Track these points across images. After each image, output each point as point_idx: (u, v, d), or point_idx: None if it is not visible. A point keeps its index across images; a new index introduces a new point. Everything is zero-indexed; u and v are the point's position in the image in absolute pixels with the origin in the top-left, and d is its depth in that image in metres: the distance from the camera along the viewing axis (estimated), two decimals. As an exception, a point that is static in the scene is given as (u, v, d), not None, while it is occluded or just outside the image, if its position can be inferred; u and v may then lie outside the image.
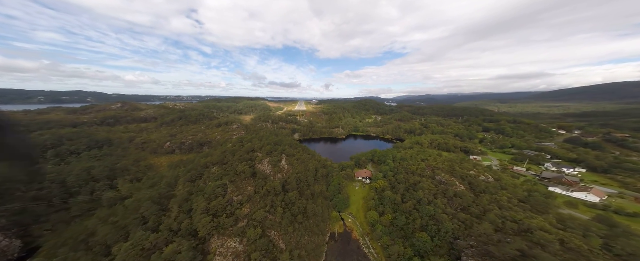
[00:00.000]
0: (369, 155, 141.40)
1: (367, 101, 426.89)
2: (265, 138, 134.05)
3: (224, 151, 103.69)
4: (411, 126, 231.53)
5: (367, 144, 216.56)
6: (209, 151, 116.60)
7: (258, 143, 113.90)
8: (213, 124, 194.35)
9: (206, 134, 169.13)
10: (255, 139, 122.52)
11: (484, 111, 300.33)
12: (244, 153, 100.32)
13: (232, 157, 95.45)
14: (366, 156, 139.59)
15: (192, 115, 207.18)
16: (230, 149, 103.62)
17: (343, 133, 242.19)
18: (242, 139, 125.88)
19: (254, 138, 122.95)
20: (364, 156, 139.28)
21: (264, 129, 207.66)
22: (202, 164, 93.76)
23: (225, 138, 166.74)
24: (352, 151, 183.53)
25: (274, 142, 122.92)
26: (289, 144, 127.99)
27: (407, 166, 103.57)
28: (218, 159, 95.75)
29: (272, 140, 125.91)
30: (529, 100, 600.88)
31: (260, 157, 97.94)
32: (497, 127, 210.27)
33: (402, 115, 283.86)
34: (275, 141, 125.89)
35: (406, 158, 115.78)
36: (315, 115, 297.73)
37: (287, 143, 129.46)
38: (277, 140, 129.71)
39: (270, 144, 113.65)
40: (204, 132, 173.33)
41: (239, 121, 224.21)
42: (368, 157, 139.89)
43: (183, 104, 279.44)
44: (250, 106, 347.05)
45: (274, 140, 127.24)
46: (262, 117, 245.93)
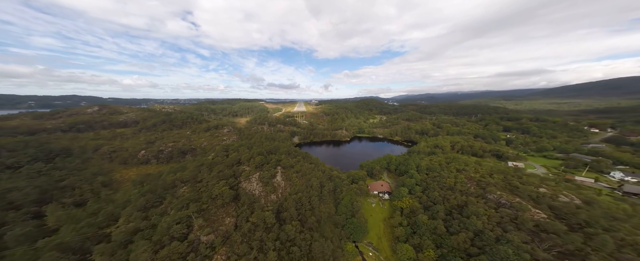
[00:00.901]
0: (383, 162, 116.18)
1: (370, 101, 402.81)
2: (257, 144, 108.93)
3: (200, 164, 78.15)
4: (422, 127, 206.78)
5: (375, 147, 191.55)
6: (183, 164, 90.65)
7: (246, 153, 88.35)
8: (201, 128, 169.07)
9: (191, 141, 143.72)
10: (244, 147, 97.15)
11: (497, 108, 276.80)
12: (226, 166, 75.00)
13: (208, 173, 70.06)
14: (380, 164, 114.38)
15: (178, 119, 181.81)
16: (209, 163, 78.09)
17: (347, 135, 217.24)
18: (227, 147, 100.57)
19: (241, 147, 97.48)
20: (377, 164, 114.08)
21: (259, 133, 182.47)
22: (169, 182, 68.42)
23: (213, 145, 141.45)
24: (360, 156, 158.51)
25: (268, 150, 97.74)
26: (286, 152, 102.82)
27: (440, 180, 78.46)
28: (191, 175, 70.53)
29: (265, 147, 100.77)
30: (533, 97, 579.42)
31: (247, 172, 72.63)
32: (519, 126, 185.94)
33: (410, 114, 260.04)
34: (270, 148, 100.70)
35: (434, 168, 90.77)
36: (316, 116, 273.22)
37: (284, 150, 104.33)
38: (273, 147, 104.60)
39: (262, 154, 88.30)
40: (189, 138, 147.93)
41: (232, 125, 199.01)
42: (382, 165, 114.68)
43: (173, 106, 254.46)
44: (246, 107, 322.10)
45: (269, 147, 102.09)
46: (258, 120, 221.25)
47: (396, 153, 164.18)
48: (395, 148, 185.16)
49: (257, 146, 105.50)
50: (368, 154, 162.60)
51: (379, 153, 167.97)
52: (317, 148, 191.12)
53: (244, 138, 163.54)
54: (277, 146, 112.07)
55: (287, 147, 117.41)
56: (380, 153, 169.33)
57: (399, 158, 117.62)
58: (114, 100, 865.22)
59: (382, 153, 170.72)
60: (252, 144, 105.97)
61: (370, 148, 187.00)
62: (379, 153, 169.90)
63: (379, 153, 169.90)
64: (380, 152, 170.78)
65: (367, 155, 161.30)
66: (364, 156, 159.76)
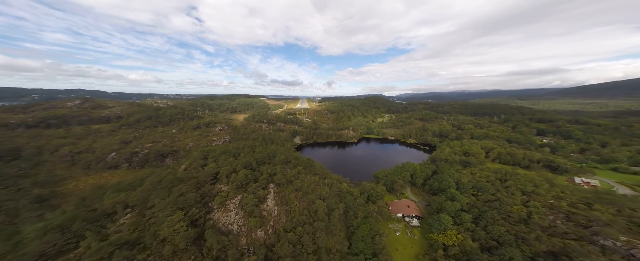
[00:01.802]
0: (405, 174, 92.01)
1: (377, 99, 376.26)
2: (247, 149, 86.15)
3: (158, 180, 55.37)
4: (440, 128, 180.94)
5: (387, 150, 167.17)
6: (147, 175, 67.59)
7: (229, 163, 65.34)
8: (190, 126, 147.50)
9: (175, 140, 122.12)
10: (228, 155, 74.39)
11: (520, 108, 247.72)
12: (193, 186, 52.27)
13: (164, 196, 47.38)
14: (401, 176, 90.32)
15: (166, 115, 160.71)
16: (169, 180, 55.17)
17: (355, 136, 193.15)
18: (207, 154, 77.73)
19: (224, 154, 74.52)
20: (397, 176, 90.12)
21: (257, 133, 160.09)
22: (108, 205, 46.26)
23: (200, 146, 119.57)
24: (371, 161, 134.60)
25: (260, 158, 74.79)
26: (284, 160, 79.71)
27: (501, 207, 54.37)
28: (141, 197, 48.35)
29: (258, 155, 77.84)
30: (549, 97, 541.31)
31: (223, 195, 49.89)
32: (556, 129, 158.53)
33: (423, 114, 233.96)
34: (263, 156, 77.70)
35: (485, 187, 66.68)
36: (320, 114, 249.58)
37: (281, 157, 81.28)
38: (267, 154, 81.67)
39: (249, 167, 65.31)
40: (173, 137, 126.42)
41: (227, 122, 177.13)
42: (404, 177, 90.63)
43: (166, 101, 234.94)
44: (246, 103, 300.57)
45: (262, 155, 79.17)
46: (257, 117, 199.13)
47: (414, 159, 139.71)
48: (411, 152, 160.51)
49: (247, 152, 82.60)
50: (381, 160, 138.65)
51: (393, 159, 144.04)
52: (321, 149, 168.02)
53: (237, 139, 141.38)
54: (274, 152, 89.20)
55: (286, 152, 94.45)
56: (394, 158, 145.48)
57: (426, 169, 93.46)
58: (118, 94, 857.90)
59: (396, 158, 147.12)
60: (240, 150, 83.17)
61: (382, 152, 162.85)
62: (393, 158, 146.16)
63: (393, 158, 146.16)
64: (395, 157, 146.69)
65: (380, 161, 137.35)
66: (376, 161, 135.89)
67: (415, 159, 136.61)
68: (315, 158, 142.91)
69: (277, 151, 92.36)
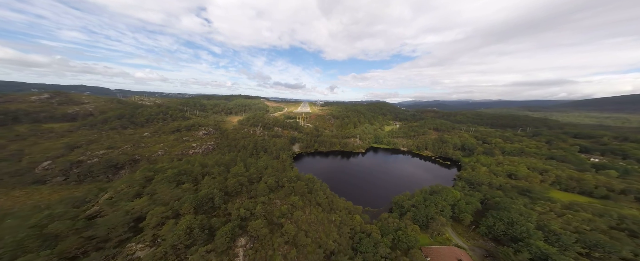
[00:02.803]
0: (442, 205, 65.00)
1: (383, 105, 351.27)
2: (220, 167, 59.73)
3: (28, 225, 28.93)
4: (462, 140, 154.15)
5: (401, 164, 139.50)
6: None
7: (172, 196, 38.76)
8: (169, 128, 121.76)
9: (140, 146, 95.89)
10: (165, 186, 48.03)
11: (547, 120, 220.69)
12: (78, 243, 26.08)
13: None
14: (436, 208, 63.33)
15: (144, 114, 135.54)
16: (44, 227, 28.63)
17: (362, 146, 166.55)
18: (154, 174, 51.23)
19: (163, 184, 47.88)
20: (430, 208, 63.11)
21: (249, 138, 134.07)
22: None
23: (173, 154, 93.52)
24: (385, 178, 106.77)
25: (234, 185, 48.36)
26: (273, 184, 53.31)
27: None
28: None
29: (235, 178, 51.61)
30: (560, 109, 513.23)
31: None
32: (602, 146, 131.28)
33: (438, 123, 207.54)
34: (240, 181, 51.27)
35: (601, 241, 39.97)
36: (323, 119, 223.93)
37: (270, 180, 54.84)
38: (250, 174, 55.41)
39: (206, 206, 38.94)
40: (141, 142, 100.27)
41: (216, 125, 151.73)
42: (441, 209, 63.65)
43: (154, 99, 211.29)
44: (243, 105, 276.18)
45: (240, 177, 52.82)
46: (252, 120, 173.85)
47: (438, 178, 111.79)
48: (430, 167, 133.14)
49: (219, 172, 56.09)
50: (397, 177, 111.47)
51: (412, 176, 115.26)
52: (323, 160, 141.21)
53: (222, 146, 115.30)
54: (261, 169, 62.88)
55: (278, 171, 68.08)
56: (413, 175, 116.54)
57: (471, 199, 66.35)
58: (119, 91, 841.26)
59: (415, 174, 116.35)
60: (210, 168, 56.70)
61: (396, 166, 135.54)
62: (411, 174, 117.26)
63: (411, 174, 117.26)
64: (414, 174, 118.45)
65: (396, 178, 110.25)
66: (391, 179, 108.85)
67: (439, 178, 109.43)
68: (317, 171, 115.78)
69: (266, 169, 65.87)
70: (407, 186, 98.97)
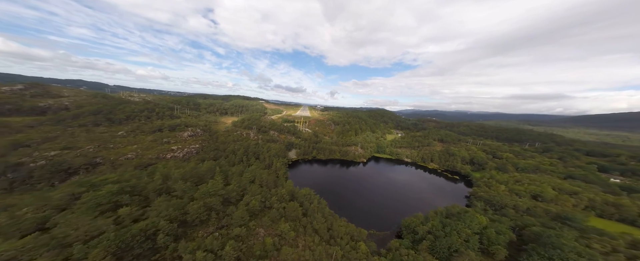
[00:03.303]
0: (466, 233, 52.36)
1: (384, 112, 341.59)
2: (186, 185, 46.74)
3: None
4: (471, 154, 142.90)
5: (405, 177, 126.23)
6: None
7: (85, 229, 25.28)
8: (149, 127, 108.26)
9: (107, 148, 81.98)
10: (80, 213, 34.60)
11: (554, 136, 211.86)
12: None
13: None
14: (459, 237, 50.56)
15: (125, 110, 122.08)
16: None
17: (363, 155, 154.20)
18: (45, 201, 37.77)
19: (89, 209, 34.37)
20: (453, 237, 50.37)
21: (241, 142, 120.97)
22: None
23: (147, 157, 79.95)
24: (390, 194, 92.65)
25: (199, 211, 35.20)
26: (258, 206, 40.41)
27: None
28: None
29: (203, 197, 38.59)
30: (558, 124, 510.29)
31: None
32: (621, 166, 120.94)
33: (442, 134, 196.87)
34: (218, 200, 38.19)
35: None
36: (322, 124, 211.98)
37: (253, 201, 41.98)
38: (229, 190, 42.46)
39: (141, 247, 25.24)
40: (111, 142, 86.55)
41: (207, 126, 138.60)
42: (465, 238, 50.92)
43: (144, 95, 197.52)
44: (240, 105, 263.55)
45: (213, 196, 39.79)
46: (246, 122, 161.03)
47: (448, 195, 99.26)
48: (436, 181, 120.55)
49: (186, 188, 43.06)
50: (403, 192, 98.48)
51: (417, 190, 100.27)
52: (321, 169, 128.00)
53: (210, 150, 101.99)
54: (245, 184, 50.07)
55: (267, 185, 55.16)
56: (420, 189, 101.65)
57: (501, 227, 53.94)
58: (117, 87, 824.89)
59: (422, 189, 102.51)
60: (169, 186, 43.62)
61: (401, 179, 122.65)
62: (418, 189, 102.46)
63: (418, 189, 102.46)
64: (420, 188, 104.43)
65: (402, 193, 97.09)
66: (397, 195, 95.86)
67: (449, 195, 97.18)
68: (314, 181, 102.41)
69: (252, 183, 52.93)
70: (416, 205, 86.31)
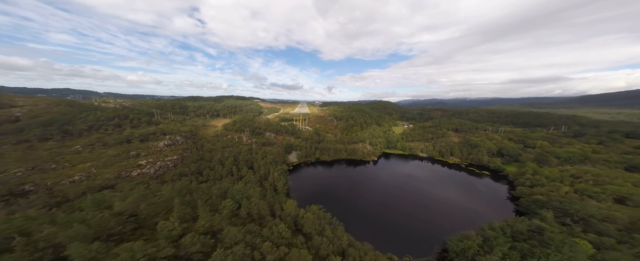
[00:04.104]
0: None
1: (386, 104, 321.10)
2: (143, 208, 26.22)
3: None
4: (498, 144, 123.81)
5: (426, 175, 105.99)
6: None
7: None
8: (116, 139, 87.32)
9: (47, 168, 61.33)
10: None
11: (576, 117, 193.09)
12: None
13: None
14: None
15: (88, 119, 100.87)
16: None
17: (373, 153, 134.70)
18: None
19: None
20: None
21: (232, 148, 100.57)
22: None
23: (104, 177, 59.38)
24: (415, 200, 71.07)
25: None
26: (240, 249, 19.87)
27: None
28: None
29: None
30: (561, 105, 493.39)
31: None
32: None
33: (456, 123, 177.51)
34: None
35: None
36: (323, 121, 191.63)
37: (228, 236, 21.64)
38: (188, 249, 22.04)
39: None
40: (52, 161, 65.90)
41: (192, 131, 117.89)
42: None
43: (122, 100, 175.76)
44: (233, 106, 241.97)
45: None
46: (238, 124, 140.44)
47: (477, 191, 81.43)
48: (462, 178, 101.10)
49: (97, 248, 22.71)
50: (426, 195, 79.00)
51: (447, 191, 79.10)
52: (327, 171, 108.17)
53: (192, 161, 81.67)
54: (222, 220, 29.72)
55: (258, 219, 34.82)
56: (447, 190, 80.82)
57: (615, 256, 34.46)
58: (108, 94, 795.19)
59: (449, 192, 79.75)
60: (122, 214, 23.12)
61: (419, 178, 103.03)
62: (445, 190, 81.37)
63: (445, 190, 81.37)
64: (447, 189, 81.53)
65: (427, 197, 76.94)
66: (419, 196, 76.69)
67: (489, 198, 78.09)
68: (321, 190, 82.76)
69: (238, 217, 32.67)
70: (454, 213, 67.34)
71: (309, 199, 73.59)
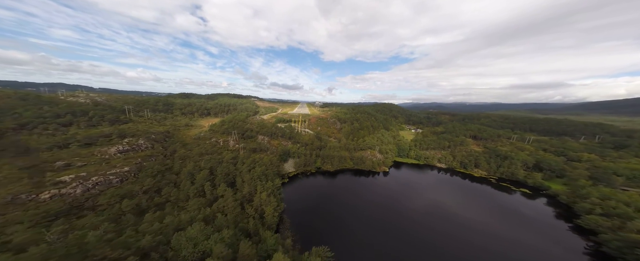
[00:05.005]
0: None
1: (392, 106, 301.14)
2: None
3: None
4: (534, 156, 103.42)
5: (453, 193, 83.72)
6: None
7: None
8: (45, 143, 65.28)
9: None
10: None
11: (604, 126, 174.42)
12: None
13: None
14: None
15: (25, 116, 78.85)
16: None
17: (384, 162, 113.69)
18: None
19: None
20: None
21: (212, 156, 78.90)
22: None
23: None
24: (442, 225, 44.88)
25: None
26: None
27: None
28: None
29: None
30: (569, 111, 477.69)
31: None
32: None
33: (474, 129, 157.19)
34: None
35: None
36: (326, 123, 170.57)
37: None
38: None
39: None
40: None
41: (167, 133, 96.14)
42: None
43: (98, 94, 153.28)
44: (226, 104, 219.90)
45: None
46: (226, 125, 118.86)
47: (530, 218, 59.87)
48: (498, 197, 79.48)
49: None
50: (466, 226, 55.55)
51: (488, 215, 55.47)
52: (331, 184, 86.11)
53: (149, 174, 59.79)
54: None
55: None
56: (485, 214, 56.03)
57: None
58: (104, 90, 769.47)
59: (490, 214, 56.40)
60: None
61: (446, 195, 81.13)
62: (483, 215, 56.86)
63: (483, 215, 56.86)
64: (484, 212, 54.65)
65: (469, 229, 51.99)
66: (451, 223, 54.58)
67: (544, 227, 57.14)
68: (323, 209, 60.90)
69: None
70: (502, 250, 46.60)
71: (309, 230, 52.70)
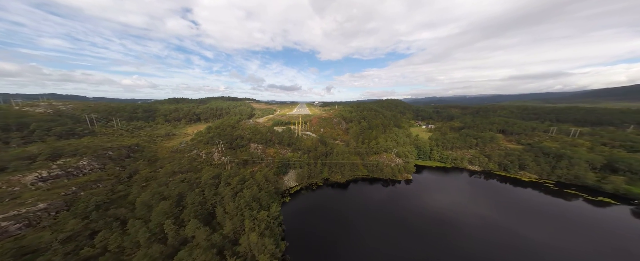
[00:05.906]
0: None
1: (397, 102, 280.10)
2: None
3: None
4: (608, 154, 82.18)
5: (505, 205, 61.50)
6: None
7: None
8: None
9: None
10: None
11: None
12: None
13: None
14: None
15: None
16: None
17: (405, 167, 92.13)
18: None
19: None
20: None
21: (184, 176, 57.15)
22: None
23: None
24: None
25: None
26: None
27: None
28: None
29: None
30: (573, 100, 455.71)
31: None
32: None
33: (500, 122, 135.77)
34: None
35: None
36: (329, 124, 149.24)
37: None
38: None
39: None
40: None
41: (130, 148, 74.71)
42: None
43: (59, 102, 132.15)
44: (218, 108, 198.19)
45: None
46: (212, 133, 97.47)
47: (626, 236, 38.82)
48: (565, 208, 57.04)
49: None
50: None
51: (573, 242, 37.83)
52: (342, 198, 64.13)
53: (80, 211, 37.96)
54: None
55: None
56: (569, 240, 38.76)
57: None
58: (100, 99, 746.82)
59: (581, 242, 38.74)
60: None
61: (499, 210, 59.30)
62: (566, 238, 39.61)
63: (566, 238, 39.61)
64: (568, 239, 40.81)
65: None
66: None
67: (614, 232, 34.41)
68: (336, 241, 39.93)
69: None
70: None
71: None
